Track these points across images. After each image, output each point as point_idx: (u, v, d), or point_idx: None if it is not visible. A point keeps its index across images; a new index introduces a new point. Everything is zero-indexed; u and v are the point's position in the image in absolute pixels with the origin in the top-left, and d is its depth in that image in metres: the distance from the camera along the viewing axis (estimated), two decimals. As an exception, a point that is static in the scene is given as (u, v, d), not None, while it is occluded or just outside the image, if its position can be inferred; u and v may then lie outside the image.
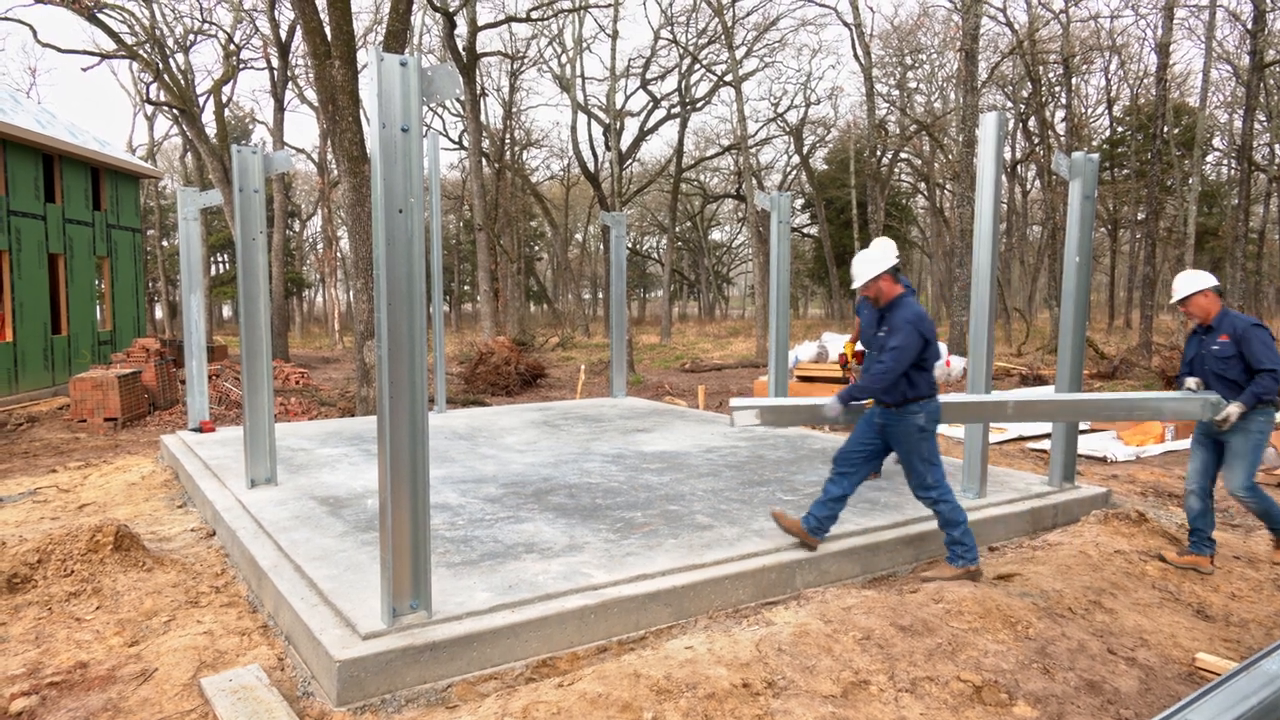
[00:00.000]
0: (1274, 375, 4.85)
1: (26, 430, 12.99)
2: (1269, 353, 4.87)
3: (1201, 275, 5.14)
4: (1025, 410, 5.25)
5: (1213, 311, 5.11)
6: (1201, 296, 5.10)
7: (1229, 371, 5.00)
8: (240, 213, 6.29)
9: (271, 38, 24.79)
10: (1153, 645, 4.22)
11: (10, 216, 16.62)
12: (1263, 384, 4.87)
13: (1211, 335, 5.10)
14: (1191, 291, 5.09)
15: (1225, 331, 5.02)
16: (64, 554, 4.92)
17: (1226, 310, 5.12)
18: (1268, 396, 4.90)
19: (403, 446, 3.86)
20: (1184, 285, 5.16)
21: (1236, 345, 4.95)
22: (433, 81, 3.89)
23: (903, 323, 4.75)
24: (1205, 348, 5.11)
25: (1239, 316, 5.05)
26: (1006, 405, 5.22)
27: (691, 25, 32.85)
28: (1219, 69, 29.25)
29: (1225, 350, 4.99)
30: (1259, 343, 4.90)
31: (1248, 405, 4.92)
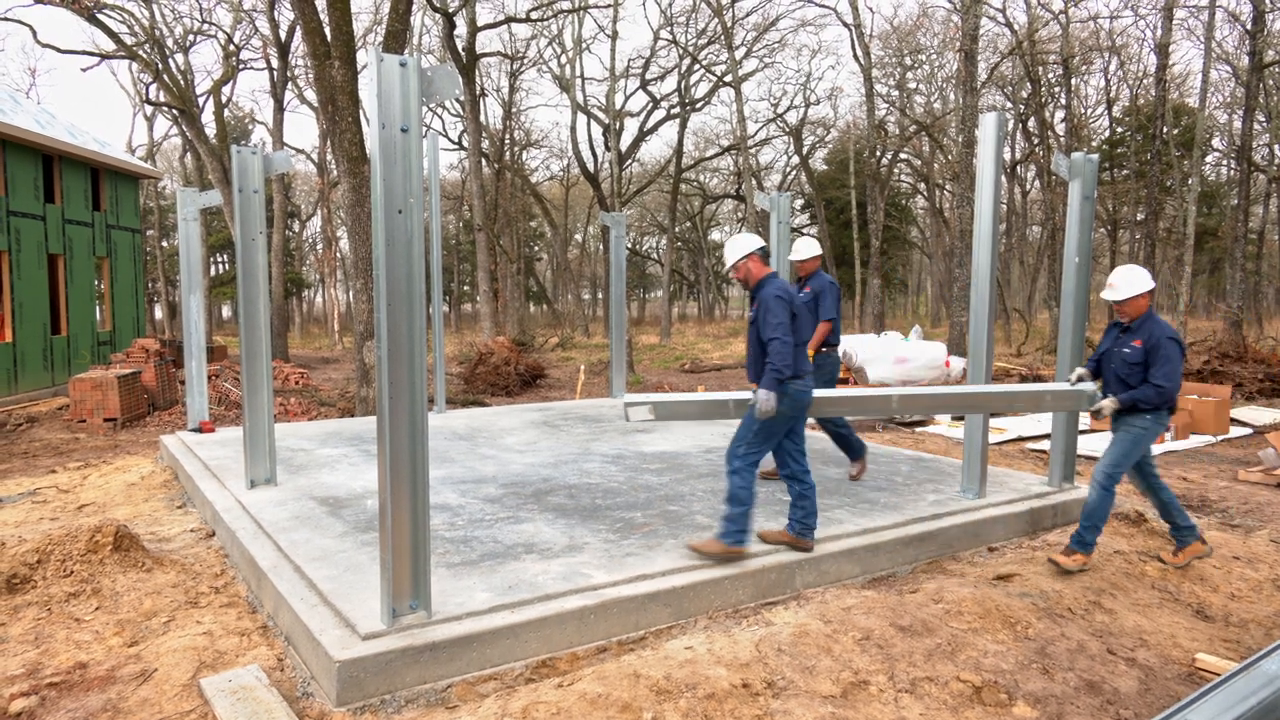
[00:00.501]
0: (1160, 391, 4.81)
1: (26, 430, 12.98)
2: (1170, 370, 4.82)
3: (1143, 277, 5.05)
4: (909, 403, 5.25)
5: (1141, 312, 5.05)
6: (1141, 298, 5.03)
7: (1132, 377, 4.96)
8: (240, 213, 6.29)
9: (271, 38, 24.80)
10: (1152, 645, 4.22)
11: (10, 217, 16.61)
12: (1145, 393, 4.85)
13: (1128, 336, 5.04)
14: (1135, 294, 5.01)
15: (1141, 337, 4.96)
16: (63, 554, 4.91)
17: (1151, 314, 5.05)
18: (1145, 405, 4.86)
19: (402, 447, 3.86)
20: (1126, 286, 5.04)
21: (1146, 354, 4.90)
22: (432, 82, 3.89)
23: (769, 298, 4.78)
24: (1119, 346, 5.06)
25: (1159, 324, 4.97)
26: (890, 399, 5.23)
27: (691, 26, 32.87)
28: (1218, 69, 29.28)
29: (1135, 355, 4.94)
30: (1167, 358, 4.84)
31: (1122, 405, 4.89)
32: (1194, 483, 8.28)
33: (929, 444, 9.98)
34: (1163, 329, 4.92)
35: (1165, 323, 5.00)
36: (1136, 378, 4.94)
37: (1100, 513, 5.00)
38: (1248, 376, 14.05)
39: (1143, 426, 4.95)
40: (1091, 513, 5.00)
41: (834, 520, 5.58)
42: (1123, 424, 5.01)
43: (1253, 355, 14.86)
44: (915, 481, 6.75)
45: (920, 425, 12.06)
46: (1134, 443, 4.97)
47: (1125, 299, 5.01)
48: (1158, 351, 4.86)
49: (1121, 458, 4.99)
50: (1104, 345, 5.21)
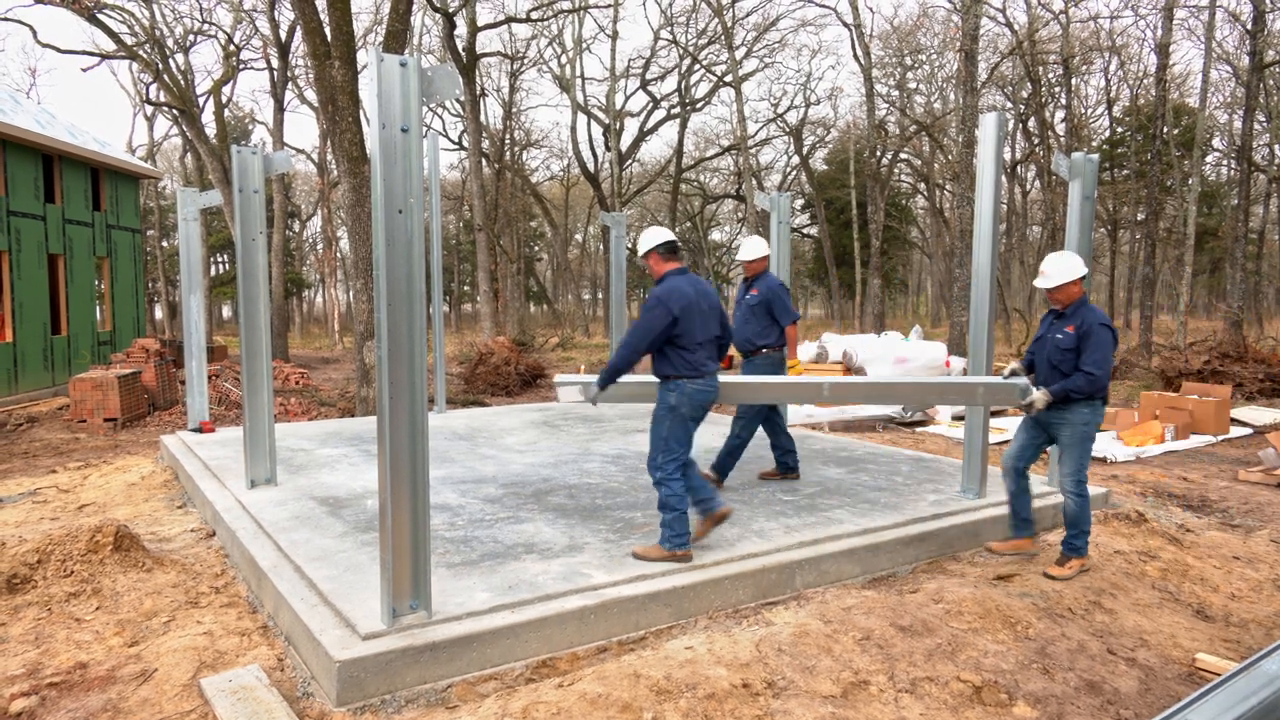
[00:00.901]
0: (1091, 379, 4.77)
1: (26, 430, 12.98)
2: (1101, 357, 4.79)
3: (1076, 264, 4.99)
4: (840, 391, 5.24)
5: (1074, 299, 5.01)
6: (1072, 285, 4.98)
7: (1064, 364, 4.91)
8: (240, 213, 6.29)
9: (271, 38, 24.80)
10: (1152, 645, 4.22)
11: (10, 217, 16.62)
12: (1076, 382, 4.80)
13: (1061, 323, 5.00)
14: (1066, 280, 4.96)
15: (1074, 323, 4.91)
16: (64, 554, 4.91)
17: (1085, 301, 5.01)
18: (1077, 395, 4.82)
19: (402, 447, 3.86)
20: (1058, 273, 4.98)
21: (1078, 340, 4.86)
22: (433, 82, 3.89)
23: (652, 299, 4.75)
24: (1052, 333, 5.02)
25: (1092, 311, 4.93)
26: (821, 385, 5.20)
27: (691, 26, 32.88)
28: (1219, 69, 29.28)
29: (1068, 341, 4.89)
30: (1098, 344, 4.80)
31: (1054, 397, 4.85)
32: (1194, 483, 8.28)
33: (929, 444, 9.98)
34: (1096, 315, 4.89)
35: (1099, 310, 4.97)
36: (1069, 364, 4.89)
37: (1084, 518, 4.99)
38: (1248, 376, 14.05)
39: (1084, 422, 4.90)
40: (1075, 520, 4.99)
41: (834, 520, 5.58)
42: (1064, 423, 4.93)
43: (1253, 355, 14.85)
44: (915, 481, 6.75)
45: (920, 425, 12.07)
46: (1084, 440, 4.94)
47: (1057, 285, 4.96)
48: (1090, 338, 4.82)
49: (1081, 459, 4.96)
50: (1039, 332, 5.18)
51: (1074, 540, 5.00)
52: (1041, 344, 5.08)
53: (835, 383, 5.20)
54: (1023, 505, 5.18)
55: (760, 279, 6.56)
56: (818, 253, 44.82)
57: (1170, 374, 14.32)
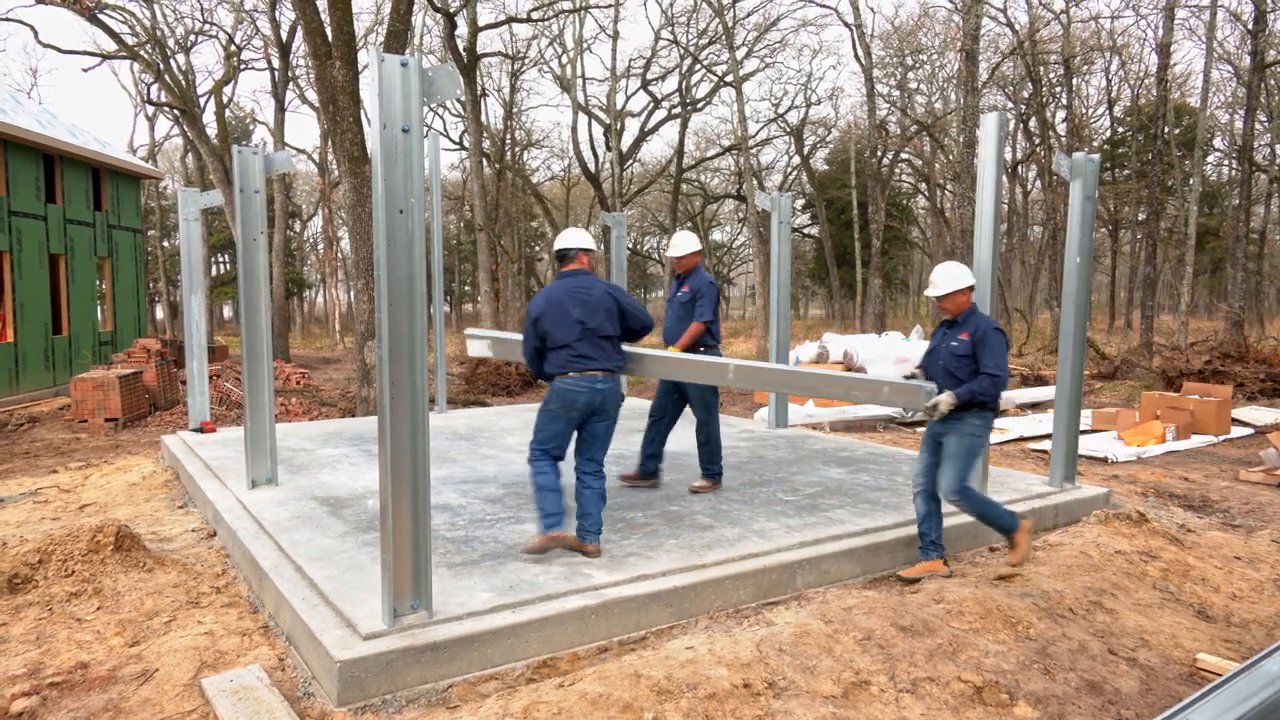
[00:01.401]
0: (994, 380, 4.77)
1: (27, 430, 12.99)
2: (998, 358, 4.80)
3: (963, 273, 4.99)
4: (745, 375, 5.22)
5: (964, 308, 5.02)
6: (961, 294, 4.99)
7: (960, 370, 4.91)
8: (241, 213, 6.29)
9: (272, 38, 24.80)
10: (1154, 646, 4.22)
11: (11, 217, 16.63)
12: (981, 384, 4.80)
13: (955, 331, 5.00)
14: (954, 289, 4.96)
15: (968, 330, 4.93)
16: (65, 554, 4.92)
17: (975, 309, 5.03)
18: (982, 397, 4.82)
19: (403, 447, 3.86)
20: (947, 282, 4.99)
21: (974, 346, 4.87)
22: (433, 82, 3.89)
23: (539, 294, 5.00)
24: (946, 342, 5.02)
25: (984, 318, 4.96)
26: (727, 368, 5.19)
27: (692, 26, 32.84)
28: (1220, 69, 29.26)
29: (963, 348, 4.90)
30: (993, 348, 4.82)
31: (960, 399, 4.82)
32: (1195, 483, 8.28)
33: (930, 444, 9.96)
34: (988, 321, 4.93)
35: (988, 316, 5.02)
36: (965, 370, 4.89)
37: (987, 511, 4.97)
38: (1249, 376, 14.04)
39: (973, 432, 4.90)
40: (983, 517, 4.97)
41: (835, 520, 5.58)
42: (954, 431, 4.91)
43: (1254, 355, 14.84)
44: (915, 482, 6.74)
45: (921, 425, 12.07)
46: (970, 450, 4.92)
47: (946, 294, 4.97)
48: (985, 342, 4.84)
49: (964, 470, 4.92)
50: (933, 342, 5.17)
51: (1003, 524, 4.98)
52: (935, 355, 5.08)
53: (740, 365, 5.21)
54: (931, 527, 5.10)
55: (692, 275, 6.41)
56: (819, 253, 44.81)
57: (1171, 374, 14.31)
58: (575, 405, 4.87)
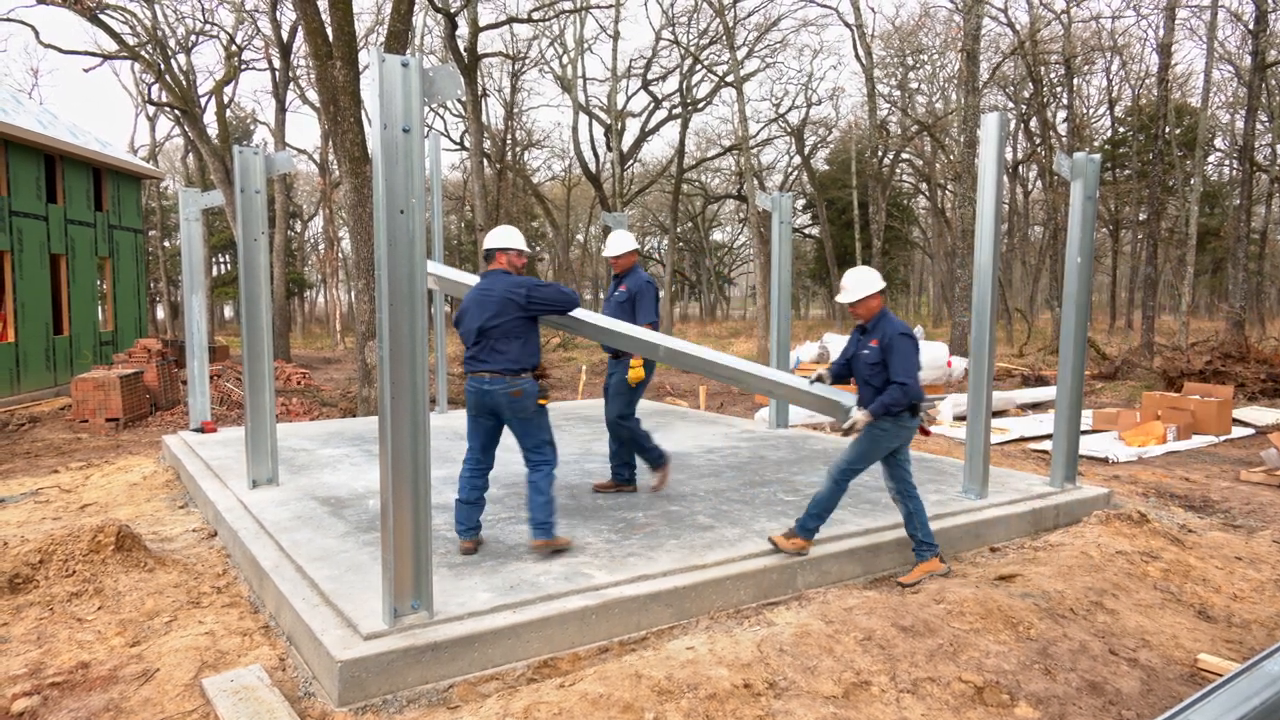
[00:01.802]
0: (905, 389, 4.75)
1: (28, 430, 13.00)
2: (907, 365, 4.78)
3: (873, 278, 4.97)
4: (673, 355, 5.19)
5: (874, 313, 4.99)
6: (872, 299, 4.96)
7: (875, 379, 4.91)
8: (242, 213, 6.29)
9: (273, 38, 24.81)
10: (1154, 646, 4.22)
11: (12, 217, 16.64)
12: (892, 395, 4.77)
13: (866, 337, 4.98)
14: (864, 296, 4.93)
15: (877, 336, 4.91)
16: (66, 554, 4.92)
17: (885, 313, 4.99)
18: (896, 409, 4.80)
19: (404, 447, 3.86)
20: (856, 288, 4.96)
21: (883, 353, 4.85)
22: (434, 82, 3.90)
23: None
24: (860, 348, 5.01)
25: (892, 323, 4.91)
26: (659, 347, 5.16)
27: (693, 26, 32.84)
28: (1220, 69, 29.26)
29: (874, 355, 4.89)
30: (901, 354, 4.79)
31: (874, 415, 4.81)
32: (1196, 483, 8.27)
33: (930, 444, 9.97)
34: (895, 326, 4.89)
35: (898, 320, 4.96)
36: (879, 378, 4.89)
37: (830, 504, 4.95)
38: (1250, 377, 14.03)
39: (881, 429, 4.89)
40: (820, 502, 4.93)
41: (835, 520, 5.57)
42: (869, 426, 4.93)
43: (1255, 355, 14.84)
44: (917, 482, 6.72)
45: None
46: (871, 444, 4.92)
47: (856, 300, 4.95)
48: (892, 349, 4.81)
49: (858, 458, 4.93)
50: (850, 349, 5.14)
51: (808, 522, 4.95)
52: (855, 361, 5.06)
53: (670, 347, 5.19)
54: (916, 527, 5.09)
55: (629, 275, 6.22)
56: (819, 253, 44.81)
57: (1172, 374, 14.31)
58: (472, 406, 4.96)
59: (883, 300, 5.02)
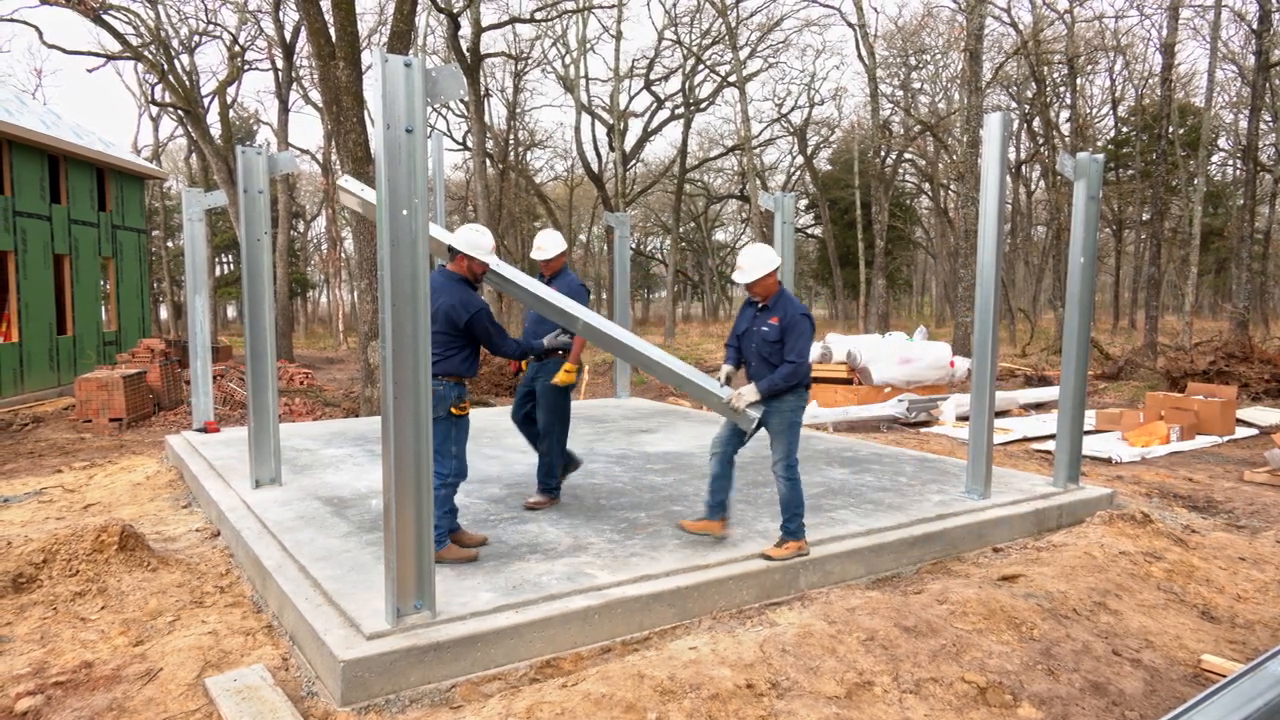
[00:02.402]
0: (795, 368, 4.78)
1: (32, 430, 13.02)
2: (802, 346, 4.81)
3: (770, 256, 4.93)
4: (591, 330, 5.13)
5: (772, 291, 4.97)
6: (769, 277, 4.94)
7: (774, 356, 4.90)
8: (245, 214, 6.30)
9: (276, 39, 24.85)
10: (1158, 647, 4.21)
11: (16, 217, 16.67)
12: (782, 373, 4.80)
13: (765, 315, 4.97)
14: (762, 275, 4.90)
15: (778, 314, 4.90)
16: (69, 554, 4.93)
17: (784, 292, 4.99)
18: (782, 387, 4.81)
19: (407, 447, 3.87)
20: (755, 267, 4.91)
21: (783, 332, 4.86)
22: (437, 82, 3.90)
23: None
24: (757, 325, 4.99)
25: (792, 302, 4.93)
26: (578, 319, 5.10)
27: (695, 26, 32.86)
28: (1224, 69, 29.19)
29: (773, 333, 4.88)
30: (798, 334, 4.82)
31: (761, 393, 4.82)
32: (1200, 483, 8.26)
33: (933, 444, 9.97)
34: (796, 306, 4.91)
35: (797, 300, 4.98)
36: (777, 355, 4.89)
37: (798, 501, 4.96)
38: (1254, 377, 14.00)
39: (791, 409, 4.91)
40: (789, 504, 4.94)
41: (838, 520, 5.57)
42: (774, 411, 4.93)
43: (1259, 356, 14.81)
44: (920, 482, 6.74)
45: (925, 426, 12.05)
46: (792, 427, 4.94)
47: (755, 279, 4.92)
48: (792, 329, 4.83)
49: (791, 444, 4.94)
50: (741, 325, 5.12)
51: (790, 524, 4.95)
52: (749, 337, 5.05)
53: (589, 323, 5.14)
54: (720, 489, 5.12)
55: (559, 277, 5.99)
56: (822, 253, 44.78)
57: (1175, 374, 14.28)
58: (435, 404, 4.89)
59: (778, 277, 5.01)
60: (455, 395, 4.76)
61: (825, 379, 14.53)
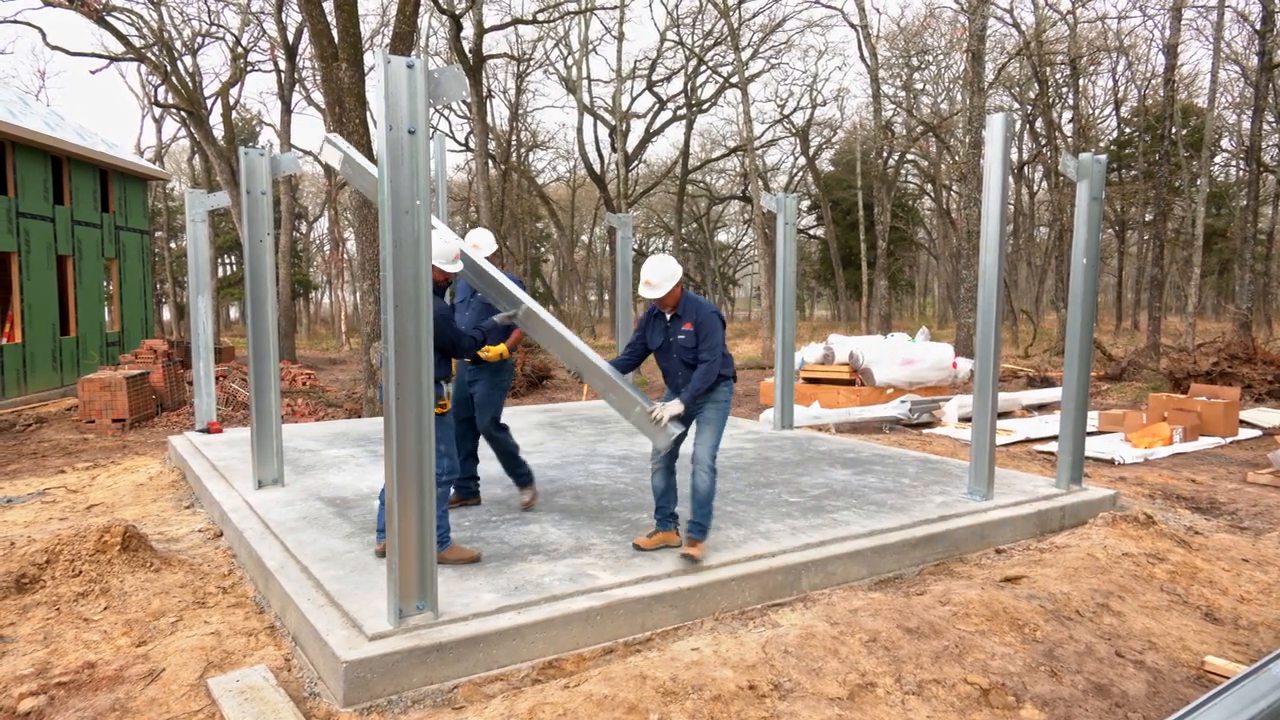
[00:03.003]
0: (709, 366, 4.77)
1: (35, 431, 13.05)
2: (713, 343, 4.80)
3: (675, 267, 4.89)
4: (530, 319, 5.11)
5: (678, 299, 4.93)
6: (676, 287, 4.90)
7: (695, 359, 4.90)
8: (247, 214, 6.31)
9: (279, 40, 24.87)
10: (1161, 648, 4.20)
11: (19, 218, 16.70)
12: (698, 375, 4.78)
13: (677, 323, 4.93)
14: (672, 286, 4.84)
15: (690, 319, 4.88)
16: (72, 554, 4.93)
17: (689, 295, 4.96)
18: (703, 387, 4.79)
19: (409, 448, 3.87)
20: (665, 282, 4.81)
21: (698, 334, 4.85)
22: (439, 84, 3.90)
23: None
24: (673, 336, 4.94)
25: (701, 304, 4.92)
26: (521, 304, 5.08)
27: (697, 27, 32.87)
28: (1227, 70, 29.15)
29: (690, 339, 4.87)
30: (709, 331, 4.82)
31: (685, 404, 4.79)
32: (1203, 485, 8.24)
33: (936, 445, 9.96)
34: (706, 306, 4.91)
35: (704, 300, 4.96)
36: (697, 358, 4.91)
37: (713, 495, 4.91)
38: (1257, 378, 13.98)
39: (724, 399, 4.93)
40: (707, 498, 4.86)
41: (840, 522, 5.57)
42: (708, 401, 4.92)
43: (1262, 357, 14.78)
44: (922, 483, 6.74)
45: (927, 427, 12.04)
46: (722, 416, 4.95)
47: (666, 293, 4.86)
48: (704, 327, 4.84)
49: (719, 435, 4.92)
50: (656, 340, 5.03)
51: (703, 520, 4.90)
52: (668, 350, 4.98)
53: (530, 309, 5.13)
54: (667, 501, 5.08)
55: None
56: (824, 254, 44.77)
57: (1178, 375, 14.26)
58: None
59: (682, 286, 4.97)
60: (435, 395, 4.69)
61: (827, 380, 14.52)
